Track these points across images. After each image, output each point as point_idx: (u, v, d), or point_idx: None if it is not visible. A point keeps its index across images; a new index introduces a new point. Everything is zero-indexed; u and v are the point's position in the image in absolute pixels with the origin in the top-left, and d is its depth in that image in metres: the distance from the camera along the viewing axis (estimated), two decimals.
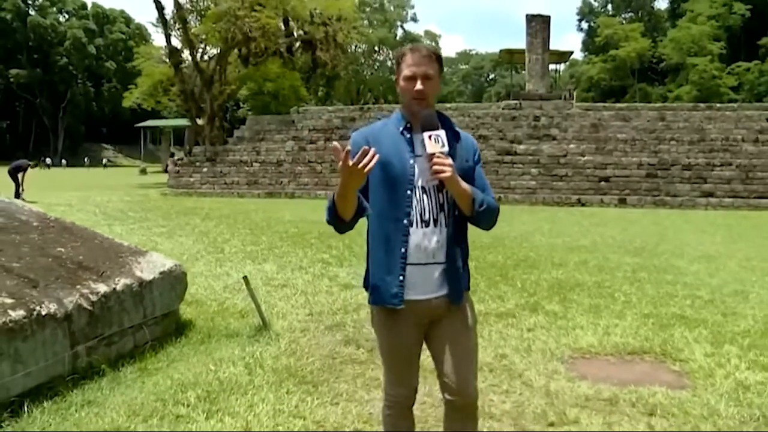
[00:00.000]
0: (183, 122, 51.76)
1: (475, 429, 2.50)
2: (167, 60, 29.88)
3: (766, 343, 4.89)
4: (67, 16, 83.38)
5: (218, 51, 27.87)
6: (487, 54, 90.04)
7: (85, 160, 67.93)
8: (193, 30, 26.10)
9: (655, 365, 4.49)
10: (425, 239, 2.31)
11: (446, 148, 2.19)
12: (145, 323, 4.53)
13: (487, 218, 2.37)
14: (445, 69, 74.45)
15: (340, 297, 6.43)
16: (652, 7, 68.44)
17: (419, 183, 2.31)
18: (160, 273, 4.75)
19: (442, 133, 2.21)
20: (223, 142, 25.71)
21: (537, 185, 20.91)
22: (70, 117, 79.77)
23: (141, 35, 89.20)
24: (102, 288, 4.16)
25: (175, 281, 4.94)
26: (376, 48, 67.23)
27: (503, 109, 23.24)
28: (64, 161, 65.34)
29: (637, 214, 17.38)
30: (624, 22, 63.69)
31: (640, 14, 67.73)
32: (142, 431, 3.25)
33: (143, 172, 46.22)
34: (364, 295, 5.92)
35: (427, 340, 2.46)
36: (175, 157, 26.81)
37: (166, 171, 32.51)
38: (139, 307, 4.47)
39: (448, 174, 2.17)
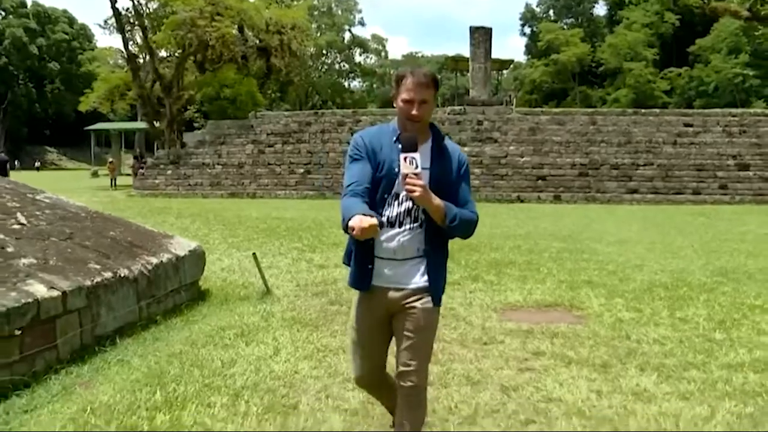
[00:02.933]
0: (133, 125, 51.92)
1: (423, 412, 2.80)
2: (124, 65, 30.61)
3: (643, 297, 6.61)
4: (3, 14, 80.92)
5: (176, 57, 28.76)
6: (432, 57, 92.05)
7: (36, 163, 66.61)
8: (152, 37, 26.93)
9: (563, 312, 6.13)
10: (389, 238, 2.60)
11: (419, 170, 2.42)
12: (180, 289, 5.92)
13: (460, 231, 2.63)
14: (391, 70, 75.18)
15: (318, 274, 7.87)
16: (592, 14, 69.77)
17: (398, 189, 2.58)
18: (189, 251, 6.15)
19: (417, 155, 2.42)
20: (182, 146, 26.67)
21: (480, 184, 22.68)
22: (11, 119, 77.94)
23: (85, 36, 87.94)
24: (153, 260, 5.53)
25: (198, 258, 6.34)
26: (324, 51, 68.02)
27: (449, 114, 25.01)
28: (17, 163, 64.01)
29: (569, 209, 19.38)
30: (565, 27, 65.55)
31: (580, 20, 69.17)
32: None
33: (95, 174, 46.23)
34: (338, 273, 7.44)
35: (393, 328, 2.77)
36: (141, 160, 27.58)
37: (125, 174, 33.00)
38: (176, 276, 5.85)
39: (417, 194, 2.41)
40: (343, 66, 73.11)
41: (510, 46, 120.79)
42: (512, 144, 23.87)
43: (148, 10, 28.18)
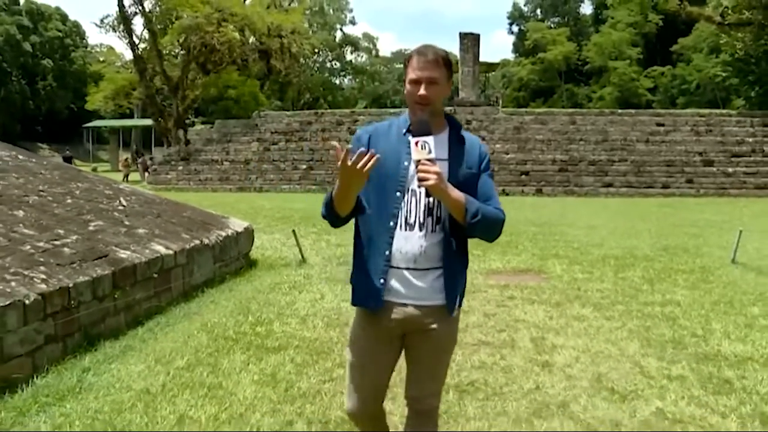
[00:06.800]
0: (131, 123, 53.31)
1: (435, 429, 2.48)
2: (129, 66, 32.17)
3: (596, 265, 8.44)
4: None
5: (180, 59, 30.39)
6: None
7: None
8: (160, 40, 28.55)
9: (533, 275, 7.93)
10: (407, 243, 2.24)
11: (433, 155, 2.13)
12: (239, 257, 7.69)
13: (483, 229, 2.24)
14: (381, 68, 76.28)
15: (338, 250, 9.61)
16: (578, 13, 70.57)
17: (411, 186, 2.25)
18: (244, 228, 7.92)
19: (430, 139, 2.14)
20: (186, 143, 28.33)
21: None
22: (4, 115, 78.71)
23: (78, 33, 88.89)
24: (222, 233, 7.30)
25: (249, 234, 8.10)
26: (316, 50, 69.42)
27: None
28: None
29: (549, 201, 21.27)
30: (552, 26, 66.94)
31: (566, 19, 70.09)
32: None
33: (94, 170, 47.66)
34: None
35: (405, 348, 2.42)
36: (146, 157, 29.24)
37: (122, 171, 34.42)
38: (235, 247, 7.62)
39: (431, 182, 2.09)
40: (335, 64, 74.46)
41: (497, 43, 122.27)
42: (498, 142, 25.72)
43: (155, 15, 29.70)
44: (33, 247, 4.72)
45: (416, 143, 2.14)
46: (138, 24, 39.20)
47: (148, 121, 38.07)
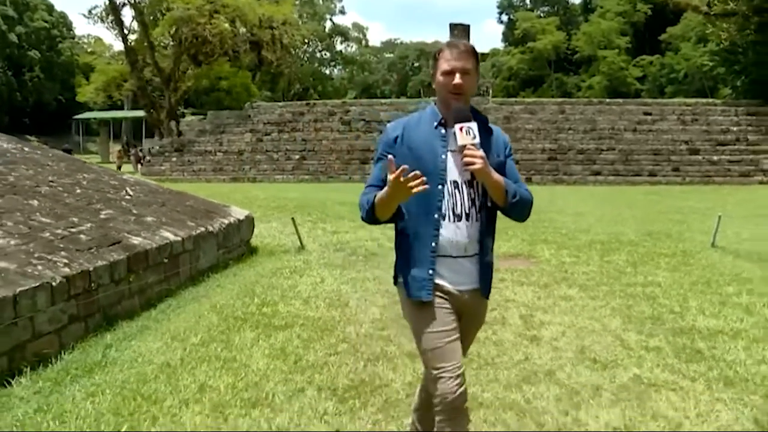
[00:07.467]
0: (121, 114, 53.25)
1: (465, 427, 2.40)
2: (119, 57, 32.21)
3: (583, 249, 8.81)
4: None
5: (171, 50, 30.47)
6: (411, 44, 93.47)
7: None
8: (151, 32, 28.63)
9: (523, 259, 8.29)
10: (458, 233, 2.33)
11: (478, 140, 2.20)
12: (241, 243, 8.00)
13: (520, 210, 2.39)
14: (371, 58, 76.13)
15: (334, 237, 9.93)
16: (567, 2, 70.41)
17: (451, 177, 2.33)
18: (245, 216, 8.22)
19: (473, 125, 2.21)
20: (179, 134, 28.50)
21: None
22: None
23: (65, 24, 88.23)
24: (224, 221, 7.60)
25: (249, 222, 8.41)
26: (306, 40, 69.36)
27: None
28: None
29: (539, 189, 21.59)
30: (541, 15, 67.13)
31: (556, 8, 69.80)
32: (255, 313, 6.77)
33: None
34: (349, 237, 9.60)
35: None
36: (137, 149, 29.39)
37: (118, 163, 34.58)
38: (237, 234, 7.92)
39: (478, 165, 2.17)
40: (325, 54, 74.42)
41: (487, 32, 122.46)
42: None
43: (144, 6, 29.74)
44: (52, 234, 5.01)
45: (461, 129, 2.21)
46: (127, 15, 39.36)
47: (139, 113, 38.16)
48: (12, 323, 3.81)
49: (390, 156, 2.21)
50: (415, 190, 2.11)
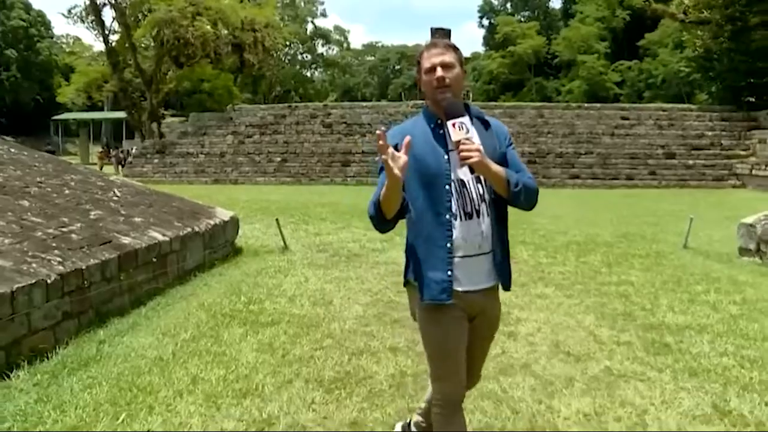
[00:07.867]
0: (101, 115, 52.85)
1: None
2: (99, 58, 32.04)
3: (560, 250, 9.08)
4: None
5: (153, 52, 30.41)
6: (392, 47, 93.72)
7: None
8: (133, 34, 28.56)
9: None
10: (470, 231, 2.33)
11: (471, 134, 2.19)
12: (226, 244, 8.15)
13: (525, 198, 2.35)
14: (352, 60, 76.10)
15: (316, 239, 10.10)
16: (548, 7, 71.38)
17: (457, 176, 2.33)
18: (230, 217, 8.37)
19: (465, 119, 2.21)
20: (160, 136, 28.46)
21: None
22: None
23: (43, 23, 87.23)
24: (210, 222, 7.74)
25: (234, 223, 8.55)
26: (288, 43, 69.32)
27: (411, 107, 27.40)
28: None
29: None
30: (522, 20, 67.76)
31: (536, 13, 70.17)
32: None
33: None
34: (331, 238, 9.80)
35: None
36: (119, 150, 29.27)
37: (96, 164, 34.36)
38: (222, 235, 8.06)
39: (475, 159, 2.15)
40: (306, 57, 74.43)
41: (467, 36, 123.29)
42: None
43: (126, 6, 29.64)
44: (44, 234, 5.14)
45: (453, 125, 2.20)
46: (108, 15, 39.17)
47: (119, 114, 37.94)
48: (9, 319, 3.94)
49: (378, 132, 2.13)
50: (403, 151, 2.13)
